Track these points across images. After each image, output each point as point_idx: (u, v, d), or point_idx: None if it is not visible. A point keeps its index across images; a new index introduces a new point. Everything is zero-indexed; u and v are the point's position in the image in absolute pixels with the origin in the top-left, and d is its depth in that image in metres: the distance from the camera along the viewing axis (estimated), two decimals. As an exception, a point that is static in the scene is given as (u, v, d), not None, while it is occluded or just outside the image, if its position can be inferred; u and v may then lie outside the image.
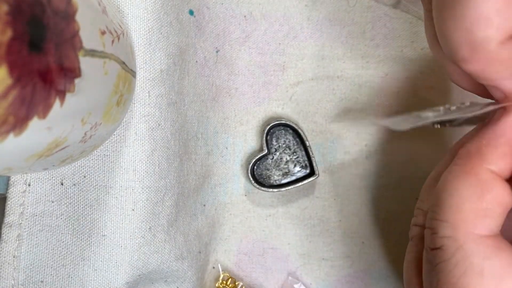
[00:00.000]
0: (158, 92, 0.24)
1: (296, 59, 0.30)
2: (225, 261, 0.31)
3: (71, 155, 0.19)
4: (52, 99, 0.14)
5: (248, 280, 0.31)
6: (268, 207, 0.31)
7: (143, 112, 0.24)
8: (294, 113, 0.31)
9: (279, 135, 0.30)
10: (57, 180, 0.24)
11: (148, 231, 0.25)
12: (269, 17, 0.30)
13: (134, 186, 0.24)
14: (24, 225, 0.24)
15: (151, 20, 0.24)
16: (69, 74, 0.15)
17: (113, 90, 0.19)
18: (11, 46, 0.12)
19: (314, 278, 0.31)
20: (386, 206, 0.31)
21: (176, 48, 0.26)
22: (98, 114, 0.18)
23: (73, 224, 0.24)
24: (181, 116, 0.27)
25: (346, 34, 0.30)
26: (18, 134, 0.13)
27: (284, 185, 0.30)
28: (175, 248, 0.26)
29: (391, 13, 0.30)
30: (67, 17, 0.14)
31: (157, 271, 0.26)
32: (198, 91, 0.29)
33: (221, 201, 0.31)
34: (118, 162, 0.24)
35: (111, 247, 0.24)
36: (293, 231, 0.31)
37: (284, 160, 0.30)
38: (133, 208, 0.24)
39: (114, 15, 0.21)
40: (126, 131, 0.24)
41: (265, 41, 0.30)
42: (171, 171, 0.26)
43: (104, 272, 0.24)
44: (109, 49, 0.18)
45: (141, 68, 0.24)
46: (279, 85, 0.31)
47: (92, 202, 0.24)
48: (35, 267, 0.24)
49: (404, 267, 0.23)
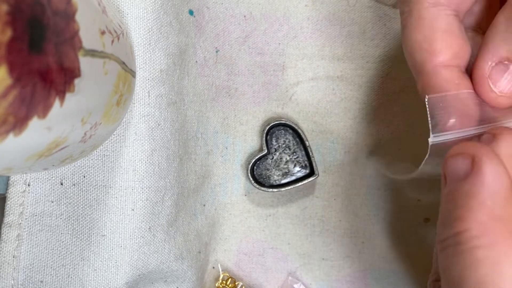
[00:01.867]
0: (158, 92, 0.24)
1: (296, 59, 0.30)
2: (225, 261, 0.31)
3: (71, 155, 0.19)
4: (52, 99, 0.14)
5: (248, 280, 0.31)
6: (268, 207, 0.31)
7: (143, 112, 0.24)
8: (294, 113, 0.31)
9: (279, 135, 0.30)
10: (57, 180, 0.24)
11: (148, 231, 0.25)
12: (269, 17, 0.30)
13: (134, 186, 0.24)
14: (24, 225, 0.24)
15: (150, 20, 0.24)
16: (69, 74, 0.15)
17: (113, 90, 0.19)
18: (11, 46, 0.12)
19: (314, 278, 0.31)
20: (386, 206, 0.31)
21: (176, 48, 0.26)
22: (98, 114, 0.18)
23: (73, 224, 0.24)
24: (181, 116, 0.27)
25: (346, 34, 0.30)
26: (18, 134, 0.13)
27: (284, 185, 0.30)
28: (175, 248, 0.26)
29: (391, 13, 0.30)
30: (67, 17, 0.14)
31: (157, 271, 0.26)
32: (198, 91, 0.29)
33: (221, 201, 0.31)
34: (118, 162, 0.24)
35: (111, 247, 0.24)
36: (293, 231, 0.31)
37: (284, 160, 0.30)
38: (133, 208, 0.24)
39: (114, 15, 0.21)
40: (126, 131, 0.24)
41: (265, 41, 0.30)
42: (171, 171, 0.26)
43: (103, 272, 0.24)
44: (109, 49, 0.18)
45: (141, 68, 0.24)
46: (279, 85, 0.31)
47: (91, 202, 0.24)
48: (34, 267, 0.24)
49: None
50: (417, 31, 0.19)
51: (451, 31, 0.19)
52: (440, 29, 0.19)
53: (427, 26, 0.19)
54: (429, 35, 0.19)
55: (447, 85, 0.19)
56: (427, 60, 0.19)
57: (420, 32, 0.19)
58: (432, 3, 0.19)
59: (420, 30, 0.19)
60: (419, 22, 0.19)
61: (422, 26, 0.19)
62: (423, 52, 0.19)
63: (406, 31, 0.20)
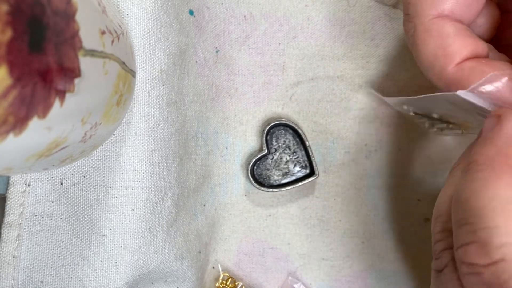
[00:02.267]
0: (158, 92, 0.24)
1: (296, 59, 0.30)
2: (225, 261, 0.31)
3: (71, 155, 0.19)
4: (52, 99, 0.14)
5: (248, 280, 0.31)
6: (268, 207, 0.31)
7: (143, 112, 0.24)
8: (294, 113, 0.31)
9: (279, 135, 0.30)
10: (57, 180, 0.24)
11: (148, 231, 0.25)
12: (269, 17, 0.30)
13: (134, 186, 0.24)
14: (24, 225, 0.24)
15: (151, 20, 0.24)
16: (69, 74, 0.15)
17: (113, 90, 0.19)
18: (11, 46, 0.12)
19: (314, 278, 0.31)
20: (386, 206, 0.31)
21: (176, 48, 0.26)
22: (98, 114, 0.18)
23: (73, 224, 0.24)
24: (181, 116, 0.27)
25: (346, 34, 0.30)
26: (18, 134, 0.13)
27: (284, 185, 0.30)
28: (175, 248, 0.26)
29: (391, 13, 0.30)
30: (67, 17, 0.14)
31: (157, 271, 0.26)
32: (198, 91, 0.29)
33: (221, 201, 0.31)
34: (118, 162, 0.24)
35: (111, 247, 0.24)
36: (293, 231, 0.31)
37: (284, 160, 0.30)
38: (133, 208, 0.24)
39: (114, 15, 0.21)
40: (126, 131, 0.24)
41: (265, 41, 0.30)
42: (171, 171, 0.26)
43: (104, 272, 0.24)
44: (109, 49, 0.18)
45: (141, 68, 0.24)
46: (279, 85, 0.31)
47: (92, 202, 0.24)
48: (35, 267, 0.24)
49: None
50: (427, 43, 0.19)
51: (461, 33, 0.19)
52: (449, 34, 0.19)
53: (436, 35, 0.19)
54: (440, 42, 0.19)
55: (474, 74, 0.18)
56: (447, 64, 0.19)
57: (431, 42, 0.19)
58: (435, 15, 0.19)
59: (430, 41, 0.19)
60: (427, 34, 0.19)
61: (431, 37, 0.19)
62: (440, 59, 0.19)
63: (417, 47, 0.20)
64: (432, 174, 0.31)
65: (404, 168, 0.31)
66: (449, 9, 0.19)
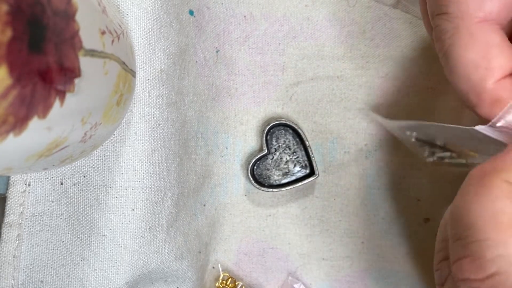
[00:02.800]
0: (158, 92, 0.24)
1: (296, 59, 0.30)
2: (225, 261, 0.31)
3: (71, 155, 0.19)
4: (52, 99, 0.14)
5: (248, 280, 0.31)
6: (268, 207, 0.31)
7: (143, 112, 0.24)
8: (294, 113, 0.31)
9: (279, 135, 0.30)
10: (57, 180, 0.24)
11: (148, 231, 0.25)
12: (269, 17, 0.30)
13: (134, 186, 0.24)
14: (24, 225, 0.24)
15: (151, 20, 0.24)
16: (69, 74, 0.15)
17: (113, 90, 0.19)
18: (11, 46, 0.12)
19: (314, 278, 0.31)
20: (386, 206, 0.31)
21: (176, 48, 0.26)
22: (98, 114, 0.18)
23: (73, 224, 0.24)
24: (181, 116, 0.27)
25: (346, 34, 0.30)
26: (18, 134, 0.13)
27: (284, 185, 0.30)
28: (175, 248, 0.26)
29: (391, 13, 0.30)
30: (67, 17, 0.14)
31: (157, 271, 0.26)
32: (198, 91, 0.29)
33: (221, 201, 0.31)
34: (118, 162, 0.24)
35: (111, 247, 0.24)
36: (293, 231, 0.31)
37: (284, 160, 0.30)
38: (133, 208, 0.24)
39: (114, 15, 0.21)
40: (126, 131, 0.24)
41: (265, 41, 0.30)
42: (171, 171, 0.26)
43: (104, 272, 0.24)
44: (109, 49, 0.18)
45: (141, 68, 0.24)
46: (279, 85, 0.31)
47: (92, 202, 0.24)
48: (35, 267, 0.24)
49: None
50: (468, 49, 0.18)
51: (505, 44, 0.18)
52: (496, 44, 0.18)
53: (482, 42, 0.18)
54: (486, 52, 0.18)
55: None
56: (488, 78, 0.18)
57: (474, 50, 0.18)
58: (481, 18, 0.18)
59: (474, 49, 0.18)
60: (471, 40, 0.18)
61: (475, 44, 0.18)
62: (480, 70, 0.18)
63: (456, 51, 0.18)
64: (432, 174, 0.31)
65: (404, 168, 0.31)
66: (496, 12, 0.18)
